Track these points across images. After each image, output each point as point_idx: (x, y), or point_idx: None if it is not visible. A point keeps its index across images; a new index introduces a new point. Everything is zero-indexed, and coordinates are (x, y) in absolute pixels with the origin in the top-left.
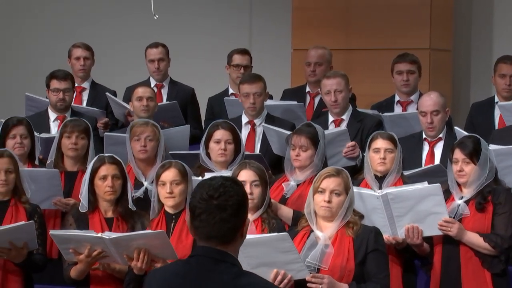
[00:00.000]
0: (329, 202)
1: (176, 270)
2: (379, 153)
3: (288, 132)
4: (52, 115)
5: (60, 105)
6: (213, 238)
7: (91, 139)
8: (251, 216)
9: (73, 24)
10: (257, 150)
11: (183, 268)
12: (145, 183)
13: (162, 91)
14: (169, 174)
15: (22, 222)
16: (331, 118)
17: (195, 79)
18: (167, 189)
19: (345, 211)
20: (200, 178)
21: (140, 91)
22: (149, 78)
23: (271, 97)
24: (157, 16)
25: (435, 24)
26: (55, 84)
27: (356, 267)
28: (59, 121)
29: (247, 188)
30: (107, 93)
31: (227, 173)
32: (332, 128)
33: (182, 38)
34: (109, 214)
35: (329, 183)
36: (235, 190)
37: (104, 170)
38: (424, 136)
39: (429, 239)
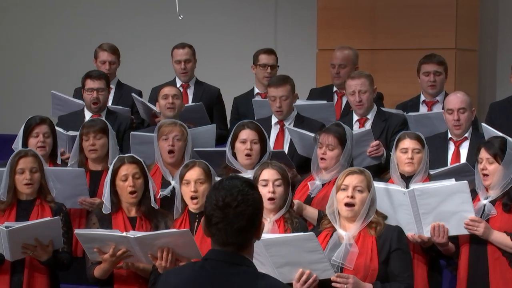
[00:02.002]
0: (352, 197)
1: (191, 275)
2: (407, 153)
3: (312, 135)
4: (88, 115)
5: (94, 106)
6: (230, 245)
7: (110, 137)
8: (273, 216)
9: (98, 24)
10: (286, 151)
11: (199, 273)
12: (172, 182)
13: (188, 91)
14: (194, 173)
15: (48, 218)
16: (355, 117)
17: (220, 79)
18: (191, 187)
19: (367, 210)
20: None
21: (166, 90)
22: (175, 78)
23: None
24: (181, 16)
25: (460, 24)
26: (89, 83)
27: (379, 266)
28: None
29: (269, 187)
30: (133, 94)
31: (252, 173)
32: (356, 129)
33: (207, 38)
34: (132, 213)
35: (352, 180)
36: (253, 197)
37: (124, 170)
38: (449, 136)
39: (454, 239)
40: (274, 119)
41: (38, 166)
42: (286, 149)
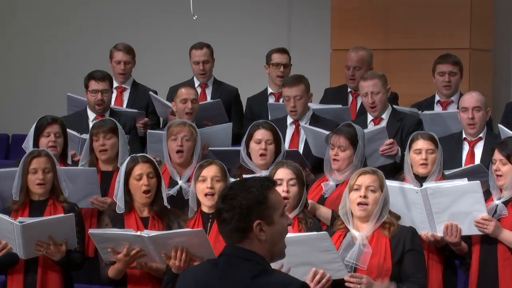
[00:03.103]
0: (365, 197)
1: (203, 272)
2: (421, 154)
3: (327, 132)
4: (91, 115)
5: (98, 107)
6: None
7: (120, 137)
8: None
9: (113, 24)
10: (301, 151)
11: (211, 268)
12: (180, 182)
13: (206, 91)
14: (211, 171)
15: (62, 214)
16: (370, 117)
17: (234, 79)
18: (208, 184)
19: (380, 210)
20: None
21: (184, 93)
22: (193, 77)
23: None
24: (196, 16)
25: (475, 24)
26: (93, 85)
27: (393, 266)
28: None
29: (284, 187)
30: (150, 93)
31: (266, 173)
32: (371, 127)
33: (220, 38)
34: (145, 213)
35: (365, 180)
36: (242, 193)
37: (138, 169)
38: (464, 136)
39: (467, 238)
40: (289, 119)
41: (51, 166)
42: (301, 149)
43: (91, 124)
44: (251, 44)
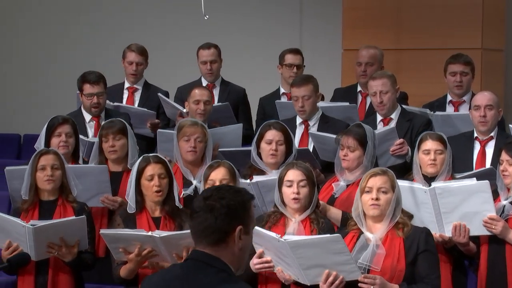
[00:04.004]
0: (377, 199)
1: (170, 274)
2: (429, 154)
3: (333, 137)
4: (87, 116)
5: (94, 110)
6: (199, 240)
7: (129, 137)
8: (298, 216)
9: (124, 24)
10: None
11: (176, 273)
12: (194, 182)
13: (214, 91)
14: (219, 173)
15: (74, 217)
16: (379, 118)
17: (246, 79)
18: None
19: (393, 210)
20: (248, 181)
21: (198, 94)
22: (200, 78)
23: (322, 98)
24: (207, 16)
25: (487, 24)
26: (88, 89)
27: (406, 267)
28: (94, 121)
29: (294, 188)
30: (159, 94)
31: (277, 173)
32: (380, 127)
33: (232, 38)
34: (157, 214)
35: (376, 181)
36: (230, 194)
37: (150, 170)
38: (475, 135)
39: (476, 239)
40: (299, 120)
41: (59, 163)
42: (310, 149)
43: (88, 125)
44: (262, 44)
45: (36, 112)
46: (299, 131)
